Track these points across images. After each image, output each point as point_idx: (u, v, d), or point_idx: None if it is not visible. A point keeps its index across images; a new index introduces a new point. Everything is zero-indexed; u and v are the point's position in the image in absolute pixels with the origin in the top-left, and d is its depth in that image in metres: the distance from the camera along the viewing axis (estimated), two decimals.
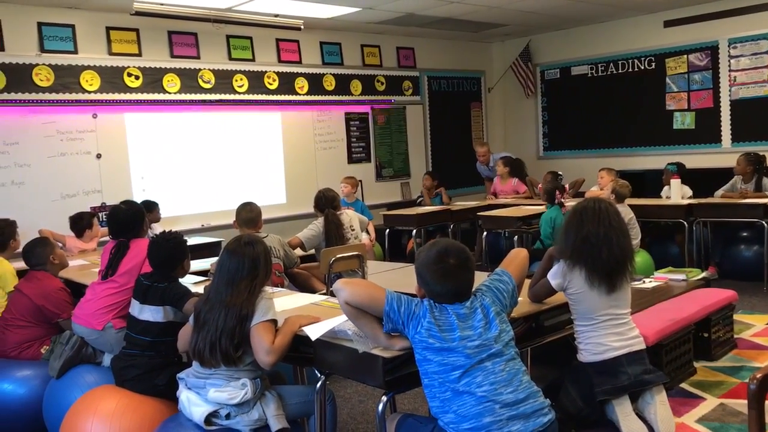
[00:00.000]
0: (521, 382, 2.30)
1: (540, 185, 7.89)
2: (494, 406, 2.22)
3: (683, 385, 4.08)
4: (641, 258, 5.95)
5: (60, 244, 5.73)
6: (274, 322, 2.69)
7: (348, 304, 2.35)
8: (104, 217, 6.65)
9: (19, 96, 6.19)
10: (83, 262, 5.17)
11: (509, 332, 2.37)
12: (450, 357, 2.25)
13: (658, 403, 2.77)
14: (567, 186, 7.23)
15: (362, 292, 2.36)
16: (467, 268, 2.38)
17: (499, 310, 2.39)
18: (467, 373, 2.24)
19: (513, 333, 2.39)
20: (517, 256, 2.69)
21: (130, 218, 3.82)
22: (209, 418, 2.67)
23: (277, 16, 7.37)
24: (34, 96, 6.27)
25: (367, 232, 6.33)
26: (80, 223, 5.84)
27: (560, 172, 7.70)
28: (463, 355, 2.25)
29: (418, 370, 2.33)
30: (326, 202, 5.09)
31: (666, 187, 7.28)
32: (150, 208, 5.85)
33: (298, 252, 4.94)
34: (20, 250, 4.60)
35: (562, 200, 5.99)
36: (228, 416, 2.68)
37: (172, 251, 3.30)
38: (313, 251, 5.12)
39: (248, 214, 4.51)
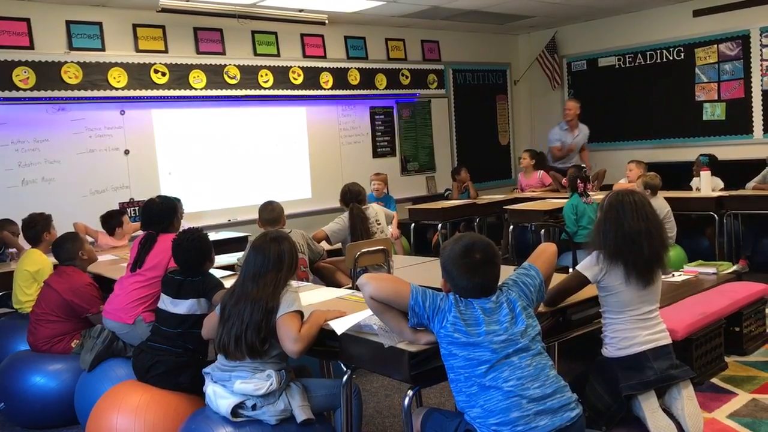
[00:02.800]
0: (548, 377, 2.28)
1: (565, 179, 7.84)
2: (521, 401, 2.20)
3: (714, 380, 4.02)
4: (674, 252, 5.87)
5: (91, 240, 5.83)
6: (300, 313, 2.70)
7: (373, 298, 2.35)
8: (133, 212, 6.74)
9: (49, 93, 6.28)
10: (113, 258, 5.23)
11: (536, 327, 2.35)
12: (476, 352, 2.24)
13: (686, 399, 2.73)
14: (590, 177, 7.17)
15: (387, 286, 2.36)
16: (493, 263, 2.36)
17: (526, 305, 2.37)
18: (493, 368, 2.23)
19: (540, 328, 2.38)
20: (546, 250, 2.66)
21: (162, 212, 3.93)
22: (235, 410, 2.70)
23: (301, 11, 7.39)
24: (63, 93, 6.36)
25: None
26: (111, 222, 5.91)
27: (584, 165, 7.63)
28: (488, 349, 2.24)
29: (444, 364, 2.32)
30: (352, 197, 5.10)
31: (696, 179, 7.17)
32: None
33: (324, 245, 4.95)
34: None
35: (586, 191, 5.96)
36: (254, 407, 2.70)
37: (197, 249, 3.33)
38: (339, 245, 5.13)
39: (270, 215, 4.52)
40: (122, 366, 3.58)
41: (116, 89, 6.65)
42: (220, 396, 2.73)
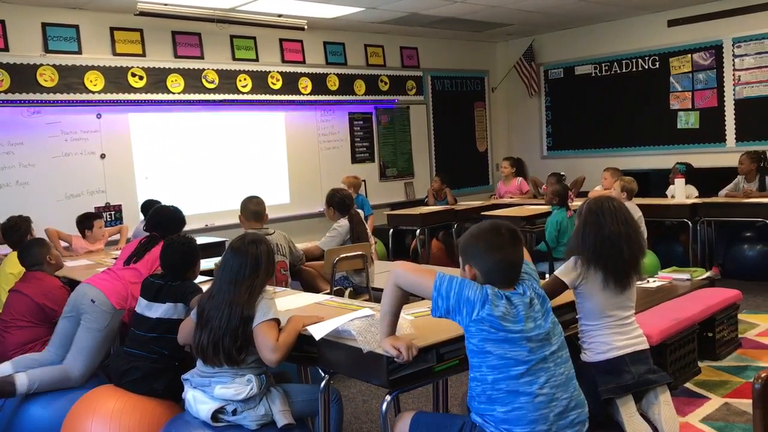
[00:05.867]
0: (575, 389, 2.23)
1: (544, 186, 7.91)
2: (549, 414, 2.13)
3: (688, 385, 4.08)
4: (648, 258, 5.93)
5: (66, 244, 5.76)
6: (277, 321, 2.70)
7: (399, 287, 2.29)
8: (109, 217, 6.68)
9: (24, 96, 6.20)
10: (88, 262, 5.17)
11: (560, 326, 2.27)
12: (513, 350, 2.12)
13: (662, 404, 2.76)
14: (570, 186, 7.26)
15: (412, 277, 2.28)
16: (520, 240, 2.27)
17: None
18: (530, 371, 2.12)
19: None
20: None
21: (173, 220, 4.01)
22: (216, 415, 2.69)
23: (280, 16, 7.38)
24: (38, 96, 6.28)
25: None
26: (86, 223, 5.86)
27: (563, 173, 7.71)
28: (526, 348, 2.12)
29: (469, 360, 2.21)
30: (350, 202, 5.06)
31: (671, 186, 7.28)
32: (151, 207, 5.85)
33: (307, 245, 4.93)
34: None
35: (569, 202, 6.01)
36: (234, 412, 2.69)
37: (186, 255, 3.32)
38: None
39: (255, 207, 4.52)
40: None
41: (93, 92, 6.59)
42: (200, 401, 2.72)
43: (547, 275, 4.43)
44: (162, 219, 4.01)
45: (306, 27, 7.75)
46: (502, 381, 2.12)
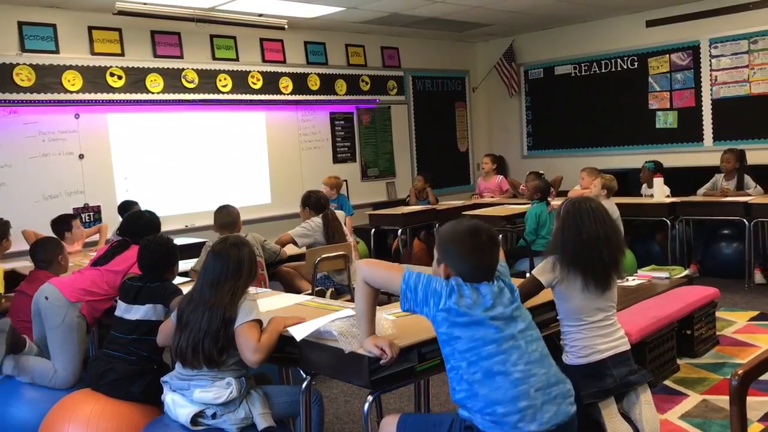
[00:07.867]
0: (551, 365, 2.24)
1: (523, 186, 7.95)
2: (530, 389, 2.14)
3: (666, 382, 4.12)
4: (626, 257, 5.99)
5: None
6: (259, 322, 2.69)
7: (367, 283, 2.32)
8: (87, 218, 6.61)
9: (0, 96, 6.12)
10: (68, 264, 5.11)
11: (525, 310, 2.31)
12: (480, 331, 2.16)
13: (643, 403, 2.78)
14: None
15: (378, 272, 2.33)
16: (498, 245, 2.31)
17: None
18: (501, 349, 2.15)
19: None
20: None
21: (147, 226, 3.97)
22: (195, 419, 2.67)
23: (261, 15, 7.35)
24: (15, 96, 6.20)
25: None
26: (62, 225, 5.78)
27: (542, 172, 7.75)
28: (493, 327, 2.16)
29: (442, 353, 2.24)
30: (325, 203, 5.09)
31: (644, 186, 7.33)
32: (128, 208, 5.80)
33: (288, 248, 4.91)
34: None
35: (549, 199, 6.07)
36: (214, 416, 2.67)
37: (163, 256, 3.30)
38: (304, 249, 5.09)
39: (225, 218, 4.49)
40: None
41: (71, 92, 6.52)
42: (179, 405, 2.70)
43: (527, 273, 4.44)
44: (136, 226, 3.98)
45: (286, 27, 7.72)
46: (475, 363, 2.15)
